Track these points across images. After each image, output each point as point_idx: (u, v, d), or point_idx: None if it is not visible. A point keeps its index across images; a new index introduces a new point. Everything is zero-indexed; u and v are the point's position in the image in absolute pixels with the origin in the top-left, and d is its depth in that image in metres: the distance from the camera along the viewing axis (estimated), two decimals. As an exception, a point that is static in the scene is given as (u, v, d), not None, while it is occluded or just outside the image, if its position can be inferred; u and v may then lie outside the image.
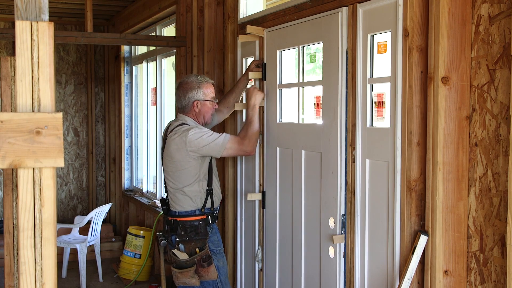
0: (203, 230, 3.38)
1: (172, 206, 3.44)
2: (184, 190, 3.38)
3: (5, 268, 2.88)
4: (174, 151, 3.35)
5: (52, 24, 1.25)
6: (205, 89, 3.47)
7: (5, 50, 7.34)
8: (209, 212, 3.44)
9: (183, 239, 3.35)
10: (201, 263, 3.32)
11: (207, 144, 3.31)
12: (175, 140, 3.35)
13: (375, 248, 2.70)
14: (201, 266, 3.32)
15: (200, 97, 3.45)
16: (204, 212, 3.41)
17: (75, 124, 7.69)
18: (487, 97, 2.22)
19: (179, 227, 3.37)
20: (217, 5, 4.30)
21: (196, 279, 3.32)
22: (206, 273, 3.32)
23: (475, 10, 2.27)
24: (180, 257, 3.32)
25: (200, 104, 3.46)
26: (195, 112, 3.48)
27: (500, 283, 2.18)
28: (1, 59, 2.71)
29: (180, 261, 3.33)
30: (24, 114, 1.21)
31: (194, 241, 3.35)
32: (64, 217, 7.67)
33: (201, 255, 3.32)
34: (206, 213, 3.42)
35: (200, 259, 3.32)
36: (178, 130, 3.38)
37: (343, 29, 2.86)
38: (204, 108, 3.48)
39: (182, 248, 3.35)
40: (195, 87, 3.45)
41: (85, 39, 4.52)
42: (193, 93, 3.44)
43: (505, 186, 2.14)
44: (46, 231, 1.24)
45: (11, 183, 2.83)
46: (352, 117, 2.83)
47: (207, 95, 3.48)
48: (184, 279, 3.32)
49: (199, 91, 3.45)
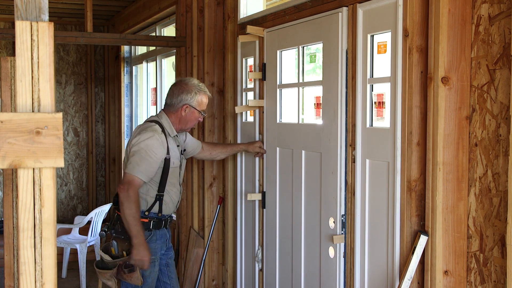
0: None
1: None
2: None
3: (5, 268, 2.88)
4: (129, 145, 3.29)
5: (52, 24, 1.24)
6: (200, 98, 3.37)
7: (5, 50, 7.34)
8: (154, 217, 3.30)
9: (118, 236, 3.25)
10: (122, 268, 3.21)
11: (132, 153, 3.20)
12: (133, 134, 3.34)
13: (375, 248, 2.70)
14: (122, 271, 3.21)
15: (192, 103, 3.35)
16: (147, 216, 3.28)
17: (75, 124, 7.69)
18: (487, 97, 2.22)
19: (118, 223, 3.26)
20: (217, 5, 4.30)
21: (113, 282, 3.23)
22: (129, 278, 3.21)
23: (475, 10, 2.27)
24: (104, 258, 3.23)
25: (188, 109, 3.36)
26: (180, 115, 3.37)
27: (500, 283, 2.18)
28: (1, 59, 2.71)
29: (99, 261, 3.27)
30: (24, 114, 1.21)
31: (128, 242, 3.21)
32: (64, 217, 7.67)
33: (125, 261, 3.19)
34: (150, 218, 3.29)
35: (123, 264, 3.20)
36: (141, 125, 3.36)
37: (343, 29, 2.86)
38: (190, 116, 3.37)
39: (115, 245, 3.25)
40: (192, 91, 3.35)
41: (85, 39, 4.52)
42: (188, 96, 3.34)
43: (505, 186, 2.14)
44: (46, 231, 1.24)
45: (11, 183, 2.83)
46: (352, 117, 2.83)
47: (199, 104, 3.38)
48: (101, 277, 3.26)
49: (194, 97, 3.35)
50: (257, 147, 3.65)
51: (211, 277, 4.41)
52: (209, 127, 4.34)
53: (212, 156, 3.82)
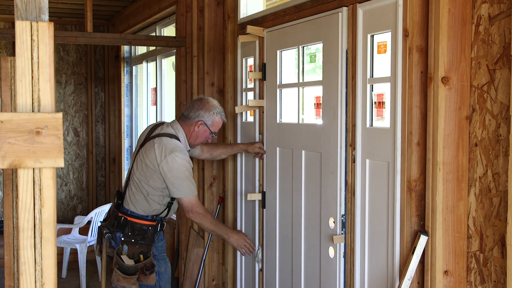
0: (150, 236, 3.37)
1: (127, 204, 3.40)
2: (148, 196, 3.35)
3: (5, 268, 2.88)
4: (151, 158, 3.29)
5: (52, 24, 1.24)
6: (216, 120, 3.46)
7: (5, 50, 7.35)
8: (160, 220, 3.44)
9: (129, 240, 3.33)
10: (143, 271, 3.31)
11: (172, 178, 3.25)
12: (156, 149, 3.29)
13: (375, 248, 2.70)
14: (143, 273, 3.31)
15: (207, 121, 3.43)
16: (155, 219, 3.40)
17: (75, 124, 7.69)
18: (487, 97, 2.22)
19: (128, 227, 3.34)
20: (217, 5, 4.30)
21: (136, 285, 3.31)
22: (146, 279, 3.32)
23: (475, 10, 2.27)
24: (126, 263, 3.29)
25: (202, 127, 3.43)
26: (193, 129, 3.43)
27: (500, 283, 2.18)
28: (1, 59, 2.71)
29: (124, 265, 3.30)
30: (24, 114, 1.21)
31: (139, 244, 3.33)
32: (64, 217, 7.67)
33: (145, 263, 3.31)
34: (157, 220, 3.41)
35: (144, 266, 3.30)
36: (166, 141, 3.30)
37: (343, 29, 2.85)
38: (202, 133, 3.45)
39: (126, 249, 3.32)
40: (211, 112, 3.43)
41: (85, 39, 4.52)
42: (206, 114, 3.42)
43: (505, 186, 2.14)
44: (46, 231, 1.24)
45: (11, 183, 2.83)
46: (352, 117, 2.83)
47: (213, 125, 3.46)
48: (124, 283, 3.30)
49: (211, 117, 3.43)
50: (257, 148, 3.66)
51: (211, 277, 4.41)
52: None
53: (213, 156, 3.85)
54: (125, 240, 3.33)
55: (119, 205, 3.46)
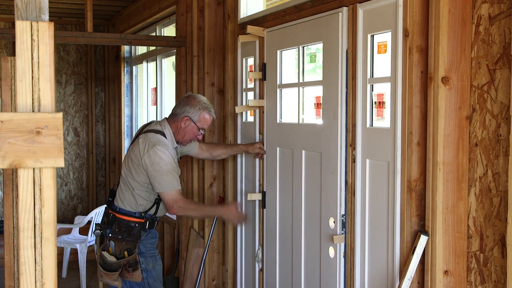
0: (136, 233, 3.36)
1: (116, 201, 3.43)
2: (134, 191, 3.35)
3: (5, 268, 2.88)
4: (136, 152, 3.31)
5: (52, 24, 1.24)
6: (203, 116, 3.42)
7: (5, 50, 7.34)
8: (149, 217, 3.41)
9: (115, 237, 3.34)
10: (126, 268, 3.31)
11: (154, 172, 3.24)
12: (140, 143, 3.30)
13: (375, 248, 2.70)
14: (126, 270, 3.31)
15: (193, 117, 3.40)
16: (143, 216, 3.39)
17: (75, 124, 7.69)
18: (487, 97, 2.22)
19: (115, 223, 3.36)
20: (217, 5, 4.30)
21: (119, 281, 3.32)
22: (131, 276, 3.32)
23: (475, 10, 2.27)
24: (108, 259, 3.31)
25: (188, 123, 3.41)
26: (180, 126, 3.41)
27: (500, 283, 2.18)
28: (1, 59, 2.71)
29: (107, 261, 3.32)
30: (24, 114, 1.21)
31: (125, 241, 3.34)
32: (64, 217, 7.67)
33: (128, 260, 3.31)
34: (146, 218, 3.40)
35: (127, 263, 3.31)
36: (150, 136, 3.32)
37: (343, 29, 2.85)
38: (189, 129, 3.42)
39: (113, 245, 3.34)
40: (197, 106, 3.40)
41: (85, 39, 4.52)
42: (191, 110, 3.40)
43: (505, 186, 2.14)
44: (46, 231, 1.24)
45: (11, 183, 2.83)
46: (352, 117, 2.83)
47: (201, 121, 3.43)
48: (107, 279, 3.33)
49: (197, 112, 3.40)
50: (257, 148, 3.67)
51: (211, 277, 4.41)
52: (209, 127, 4.34)
53: (213, 156, 3.86)
54: (112, 236, 3.35)
55: (110, 202, 3.49)
